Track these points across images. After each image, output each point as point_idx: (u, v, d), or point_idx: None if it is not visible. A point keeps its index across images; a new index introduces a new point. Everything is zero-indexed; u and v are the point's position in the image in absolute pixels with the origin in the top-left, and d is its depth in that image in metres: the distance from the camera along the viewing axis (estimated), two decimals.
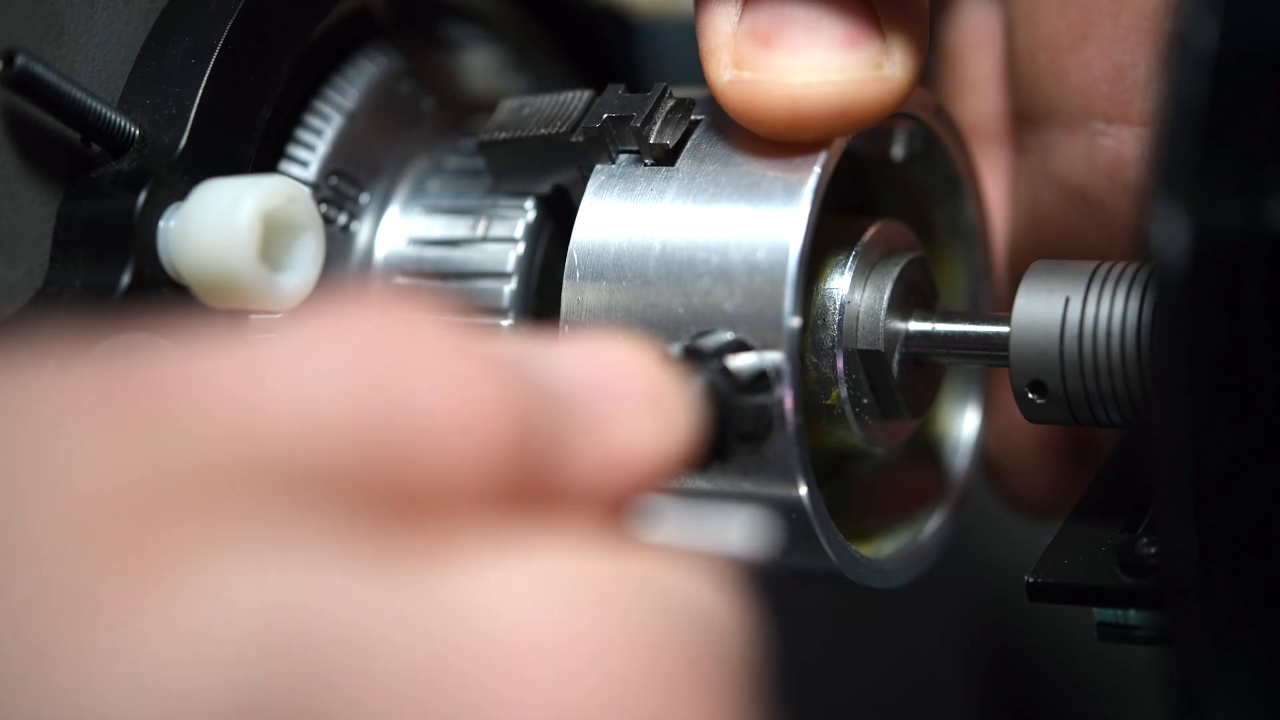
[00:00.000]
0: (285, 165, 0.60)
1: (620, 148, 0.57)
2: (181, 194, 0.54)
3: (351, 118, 0.61)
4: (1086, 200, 0.64)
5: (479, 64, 0.66)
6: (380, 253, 0.61)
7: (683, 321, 0.54)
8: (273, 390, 0.36)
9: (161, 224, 0.54)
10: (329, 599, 0.34)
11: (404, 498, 0.37)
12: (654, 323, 0.55)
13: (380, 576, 0.35)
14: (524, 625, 0.35)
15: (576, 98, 0.59)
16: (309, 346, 0.37)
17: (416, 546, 0.37)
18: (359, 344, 0.38)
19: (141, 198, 0.53)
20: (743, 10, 0.55)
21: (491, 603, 0.36)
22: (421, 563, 0.36)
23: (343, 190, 0.61)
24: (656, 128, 0.57)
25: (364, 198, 0.61)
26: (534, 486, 0.39)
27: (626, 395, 0.42)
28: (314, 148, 0.60)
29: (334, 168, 0.61)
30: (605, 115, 0.57)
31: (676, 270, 0.55)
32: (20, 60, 0.52)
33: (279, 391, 0.36)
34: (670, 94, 0.57)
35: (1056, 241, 0.65)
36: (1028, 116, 0.65)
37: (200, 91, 0.55)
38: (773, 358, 0.53)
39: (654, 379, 0.43)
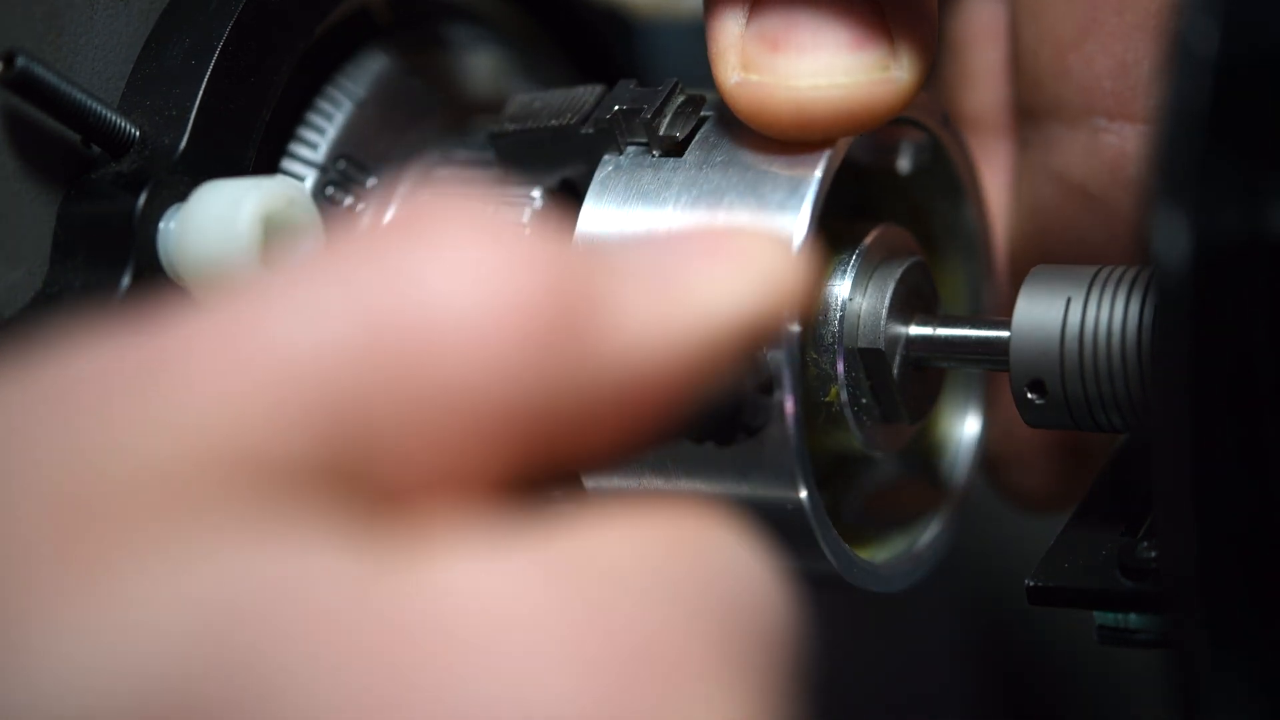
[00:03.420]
0: (294, 146, 0.60)
1: (629, 139, 0.58)
2: (182, 195, 0.54)
3: (362, 105, 0.61)
4: (1088, 197, 0.64)
5: (479, 65, 0.66)
6: None
7: None
8: (260, 346, 0.34)
9: (162, 225, 0.53)
10: (289, 582, 0.33)
11: (386, 476, 0.35)
12: None
13: (353, 559, 0.34)
14: (496, 615, 0.34)
15: (589, 91, 0.59)
16: (303, 280, 0.35)
17: (396, 528, 0.35)
18: (359, 263, 0.35)
19: (142, 199, 0.53)
20: (751, 13, 0.55)
21: (467, 589, 0.34)
22: (399, 545, 0.35)
23: (350, 174, 0.61)
24: (667, 120, 0.57)
25: (371, 182, 0.61)
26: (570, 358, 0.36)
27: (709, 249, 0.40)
28: (324, 131, 0.60)
29: (343, 152, 0.61)
30: (616, 107, 0.57)
31: None
32: (20, 61, 0.52)
33: (265, 349, 0.34)
34: (681, 89, 0.58)
35: (1057, 237, 0.65)
36: (1030, 111, 0.65)
37: (200, 92, 0.55)
38: (776, 359, 0.53)
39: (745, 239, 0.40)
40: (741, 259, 0.40)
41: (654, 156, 0.57)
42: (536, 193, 0.61)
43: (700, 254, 0.40)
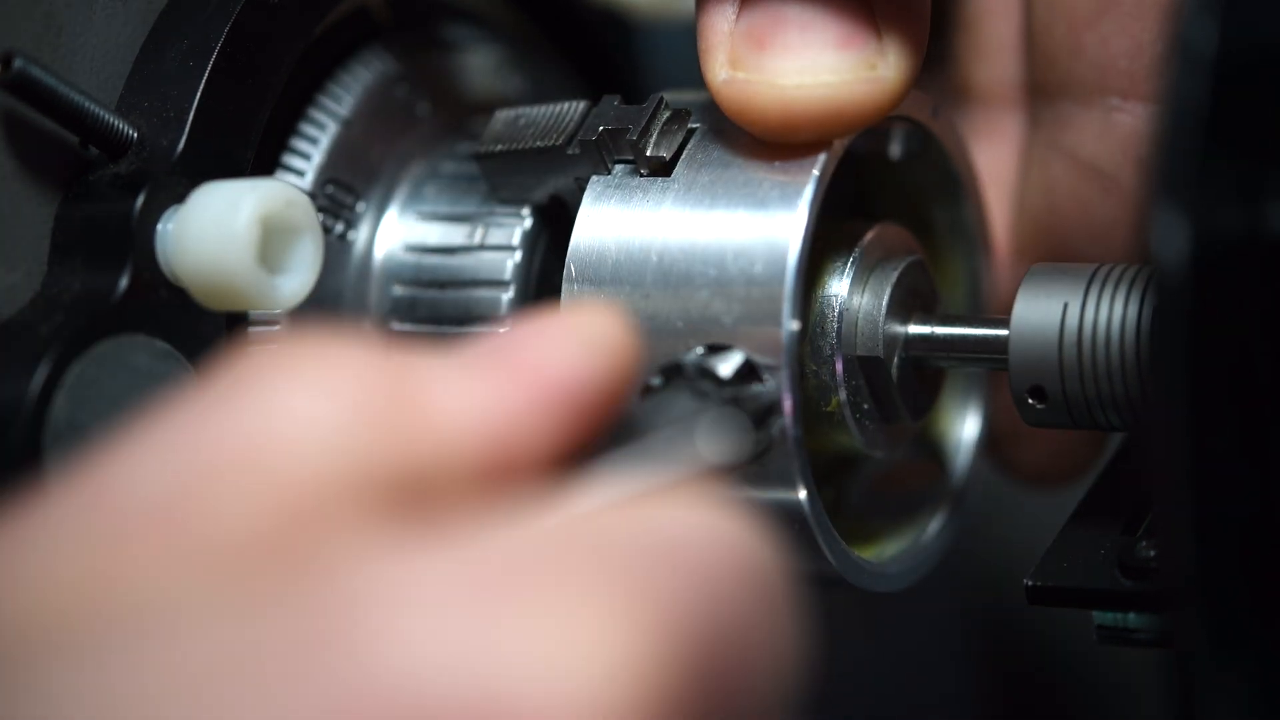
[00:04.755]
0: (281, 175, 0.60)
1: (616, 158, 0.57)
2: (180, 197, 0.54)
3: (347, 125, 0.61)
4: (1100, 175, 0.64)
5: (476, 64, 0.66)
6: (378, 261, 0.61)
7: (681, 334, 0.54)
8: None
9: (160, 227, 0.53)
10: None
11: None
12: (652, 334, 0.55)
13: None
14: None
15: (572, 109, 0.59)
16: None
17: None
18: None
19: (140, 200, 0.53)
20: (740, 11, 0.55)
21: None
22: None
23: (339, 199, 0.61)
24: (653, 140, 0.57)
25: (360, 206, 0.61)
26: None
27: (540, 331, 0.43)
28: (310, 156, 0.60)
29: (330, 176, 0.60)
30: (601, 128, 0.57)
31: (674, 282, 0.55)
32: (18, 63, 0.51)
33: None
34: (666, 105, 0.57)
35: (1067, 215, 0.65)
36: (1043, 89, 0.65)
37: (199, 94, 0.55)
38: (772, 381, 0.53)
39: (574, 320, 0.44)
40: (566, 326, 0.44)
41: (642, 175, 0.57)
42: (526, 211, 0.61)
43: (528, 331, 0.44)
